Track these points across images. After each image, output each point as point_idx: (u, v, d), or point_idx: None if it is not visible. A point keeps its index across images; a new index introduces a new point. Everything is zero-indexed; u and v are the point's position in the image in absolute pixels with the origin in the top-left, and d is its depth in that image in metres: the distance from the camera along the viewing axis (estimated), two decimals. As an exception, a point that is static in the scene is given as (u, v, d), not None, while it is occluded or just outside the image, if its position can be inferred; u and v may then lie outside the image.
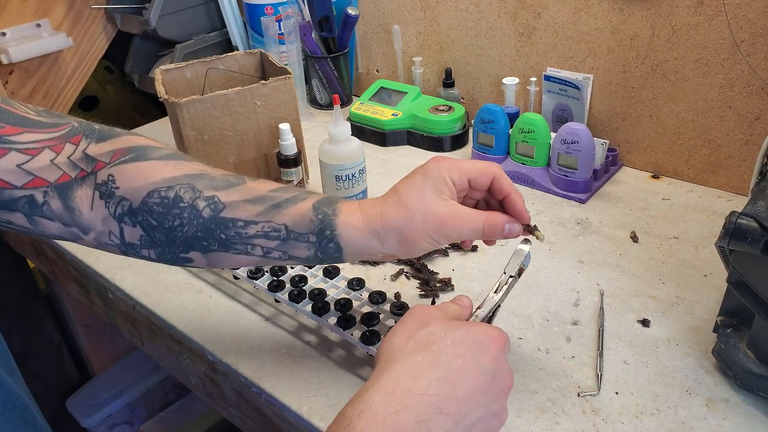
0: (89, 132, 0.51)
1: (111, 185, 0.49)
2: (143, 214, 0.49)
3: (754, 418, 0.52)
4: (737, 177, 0.83)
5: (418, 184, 0.51)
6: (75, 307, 1.26)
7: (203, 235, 0.50)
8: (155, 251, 0.51)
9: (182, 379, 0.75)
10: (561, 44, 0.92)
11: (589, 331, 0.63)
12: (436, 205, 0.50)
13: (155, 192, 0.49)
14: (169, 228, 0.49)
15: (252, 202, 0.50)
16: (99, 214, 0.49)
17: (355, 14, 1.09)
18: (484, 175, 0.52)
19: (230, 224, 0.50)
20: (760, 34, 0.74)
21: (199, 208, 0.49)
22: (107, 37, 1.25)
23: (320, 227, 0.50)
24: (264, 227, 0.50)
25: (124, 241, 0.51)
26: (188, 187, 0.49)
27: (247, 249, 0.51)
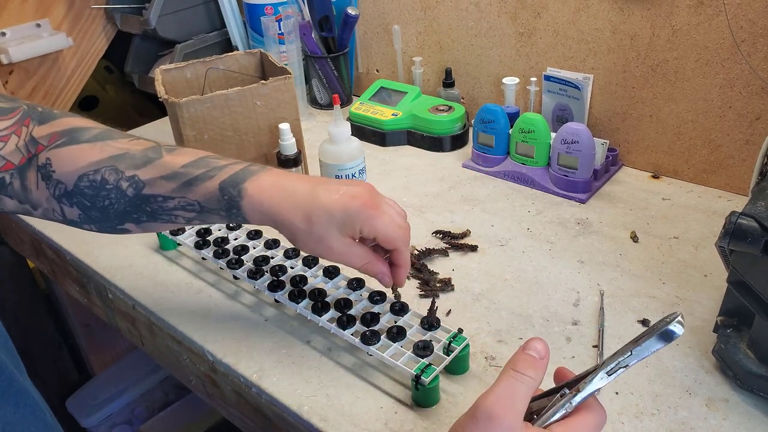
0: (35, 114, 0.55)
1: (48, 168, 0.53)
2: (77, 197, 0.54)
3: (754, 418, 0.52)
4: (737, 177, 0.83)
5: (330, 213, 0.54)
6: (75, 307, 1.26)
7: (132, 209, 0.55)
8: (95, 225, 0.57)
9: (182, 379, 0.75)
10: (561, 44, 0.92)
11: (589, 331, 0.63)
12: (333, 239, 0.55)
13: (84, 176, 0.53)
14: (102, 207, 0.55)
15: (167, 179, 0.54)
16: (43, 193, 0.54)
17: (355, 14, 1.09)
18: (386, 243, 0.56)
19: (152, 199, 0.55)
20: (760, 34, 0.74)
21: (123, 188, 0.54)
22: (107, 37, 1.25)
23: (227, 206, 0.55)
24: (180, 202, 0.55)
25: (66, 218, 0.56)
26: (112, 169, 0.54)
27: (171, 219, 0.56)
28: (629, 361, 0.39)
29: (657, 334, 0.38)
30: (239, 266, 0.70)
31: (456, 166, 0.97)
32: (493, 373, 0.58)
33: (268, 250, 0.73)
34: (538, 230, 0.79)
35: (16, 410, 0.50)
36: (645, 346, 0.38)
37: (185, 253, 0.79)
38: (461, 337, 0.57)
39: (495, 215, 0.83)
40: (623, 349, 0.39)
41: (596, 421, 0.39)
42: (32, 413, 0.52)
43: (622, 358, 0.39)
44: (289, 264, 0.70)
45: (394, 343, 0.58)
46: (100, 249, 0.81)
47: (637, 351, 0.38)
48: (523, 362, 0.40)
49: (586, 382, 0.39)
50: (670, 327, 0.37)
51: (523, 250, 0.76)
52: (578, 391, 0.39)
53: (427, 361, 0.55)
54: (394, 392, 0.57)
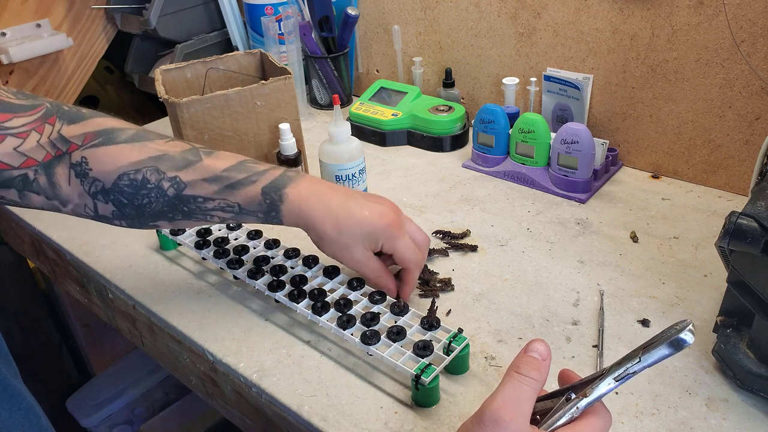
0: (61, 113, 0.56)
1: (84, 166, 0.55)
2: (115, 194, 0.56)
3: (754, 418, 0.52)
4: (737, 177, 0.83)
5: (359, 226, 0.60)
6: (75, 307, 1.26)
7: (168, 209, 0.57)
8: (126, 222, 0.59)
9: (182, 379, 0.75)
10: (561, 44, 0.92)
11: (589, 331, 0.63)
12: (357, 250, 0.61)
13: (125, 175, 0.56)
14: (139, 205, 0.57)
15: (209, 181, 0.57)
16: (75, 190, 0.56)
17: (355, 14, 1.10)
18: (401, 263, 0.63)
19: (191, 200, 0.57)
20: (760, 34, 0.74)
21: (164, 188, 0.56)
22: (107, 37, 1.26)
23: (267, 210, 0.59)
24: (220, 203, 0.58)
25: (98, 214, 0.58)
26: (153, 170, 0.56)
27: (206, 218, 0.59)
28: (638, 367, 0.39)
29: (667, 342, 0.37)
30: (239, 266, 0.70)
31: (456, 166, 0.97)
32: (493, 373, 0.58)
33: (268, 250, 0.73)
34: (538, 230, 0.79)
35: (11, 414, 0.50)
36: (654, 353, 0.38)
37: (185, 253, 0.79)
38: (461, 337, 0.57)
39: (495, 215, 0.83)
40: (632, 355, 0.39)
41: (602, 425, 0.40)
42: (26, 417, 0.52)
43: (631, 364, 0.39)
44: (289, 264, 0.70)
45: (394, 343, 0.58)
46: (101, 249, 0.81)
47: (646, 357, 0.38)
48: (527, 364, 0.40)
49: (593, 387, 0.39)
50: (681, 335, 0.37)
51: (523, 250, 0.76)
52: (585, 396, 0.39)
53: (427, 361, 0.55)
54: (394, 392, 0.57)
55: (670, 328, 0.38)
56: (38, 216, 0.89)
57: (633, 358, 0.39)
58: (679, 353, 0.58)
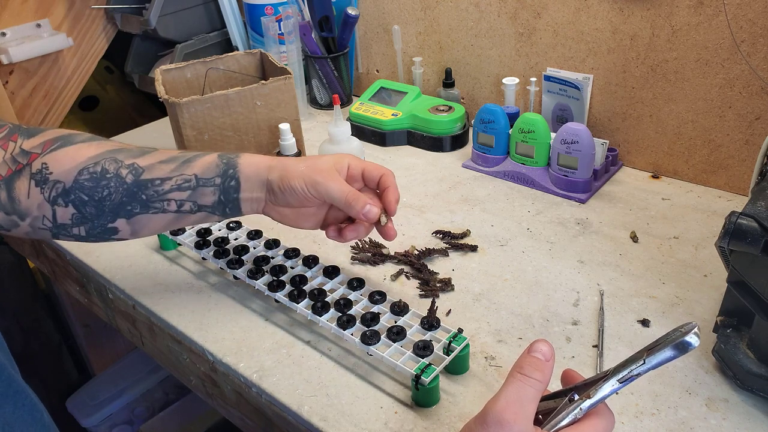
0: (21, 130, 0.58)
1: (45, 172, 0.56)
2: (75, 192, 0.56)
3: (754, 418, 0.52)
4: (737, 177, 0.83)
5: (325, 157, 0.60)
6: (75, 307, 1.26)
7: (128, 199, 0.57)
8: (85, 227, 0.58)
9: (182, 379, 0.75)
10: (561, 44, 0.92)
11: (589, 331, 0.63)
12: (325, 167, 0.59)
13: (84, 170, 0.56)
14: (99, 199, 0.56)
15: (166, 162, 0.58)
16: (35, 201, 0.56)
17: (355, 14, 1.10)
18: (374, 172, 0.61)
19: (149, 184, 0.57)
20: (760, 34, 0.74)
21: (122, 175, 0.57)
22: (107, 37, 1.26)
23: (224, 168, 0.59)
24: (177, 180, 0.58)
25: (56, 223, 0.57)
26: (111, 159, 0.57)
27: (163, 206, 0.58)
28: (642, 369, 0.38)
29: (672, 345, 0.37)
30: (239, 266, 0.70)
31: (456, 166, 0.97)
32: (493, 373, 0.58)
33: (268, 250, 0.73)
34: (538, 230, 0.79)
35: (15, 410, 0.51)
36: (658, 355, 0.38)
37: (185, 253, 0.79)
38: (461, 337, 0.57)
39: (495, 215, 0.83)
40: (636, 357, 0.39)
41: (606, 426, 0.40)
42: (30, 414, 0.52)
43: (635, 366, 0.39)
44: (289, 264, 0.70)
45: (394, 343, 0.58)
46: (101, 249, 0.81)
47: (650, 360, 0.38)
48: (530, 365, 0.40)
49: (597, 389, 0.39)
50: (686, 338, 0.37)
51: (523, 250, 0.76)
52: (589, 397, 0.39)
53: (427, 361, 0.55)
54: (394, 392, 0.57)
55: (675, 330, 0.38)
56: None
57: (637, 360, 0.39)
58: (679, 353, 0.59)
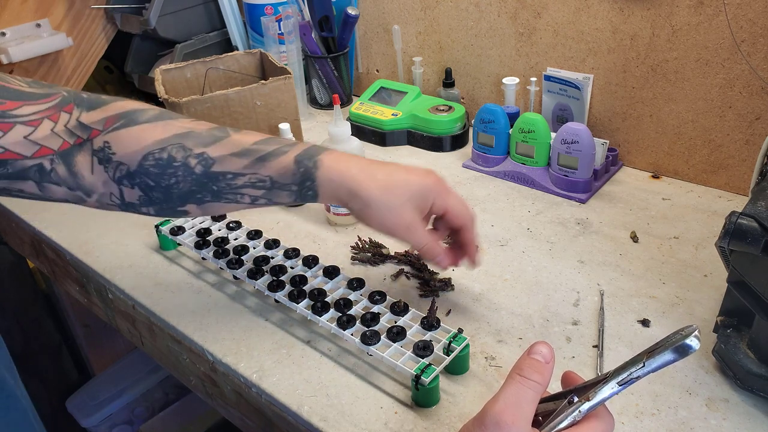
0: (79, 101, 0.54)
1: (107, 151, 0.53)
2: (141, 176, 0.53)
3: (754, 418, 0.52)
4: (737, 177, 0.83)
5: (407, 184, 0.56)
6: (75, 307, 1.26)
7: (197, 189, 0.54)
8: (153, 208, 0.55)
9: (182, 379, 0.75)
10: (561, 44, 0.92)
11: (589, 331, 0.63)
12: (406, 211, 0.56)
13: (150, 155, 0.53)
14: (166, 186, 0.54)
15: (239, 156, 0.54)
16: (99, 178, 0.53)
17: (355, 14, 1.09)
18: (455, 219, 0.59)
19: (221, 177, 0.54)
20: (760, 34, 0.74)
21: (191, 165, 0.53)
22: (107, 37, 1.25)
23: (302, 179, 0.55)
24: (251, 178, 0.54)
25: (124, 201, 0.55)
26: (179, 147, 0.53)
27: (236, 198, 0.55)
28: (641, 372, 0.38)
29: (672, 348, 0.37)
30: (239, 266, 0.70)
31: (456, 166, 0.97)
32: (493, 374, 0.58)
33: (268, 250, 0.73)
34: (538, 230, 0.79)
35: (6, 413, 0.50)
36: (658, 358, 0.37)
37: (185, 253, 0.79)
38: (461, 337, 0.57)
39: (495, 215, 0.83)
40: (636, 359, 0.39)
41: (605, 429, 0.39)
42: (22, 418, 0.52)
43: (635, 369, 0.38)
44: (289, 264, 0.70)
45: (394, 343, 0.58)
46: (100, 249, 0.81)
47: (650, 362, 0.38)
48: (530, 367, 0.40)
49: (596, 391, 0.39)
50: (687, 341, 0.37)
51: (523, 250, 0.76)
52: (588, 400, 0.39)
53: (427, 361, 0.55)
54: (394, 392, 0.57)
55: (676, 333, 0.38)
56: (38, 216, 0.89)
57: (637, 362, 0.38)
58: (679, 353, 0.59)
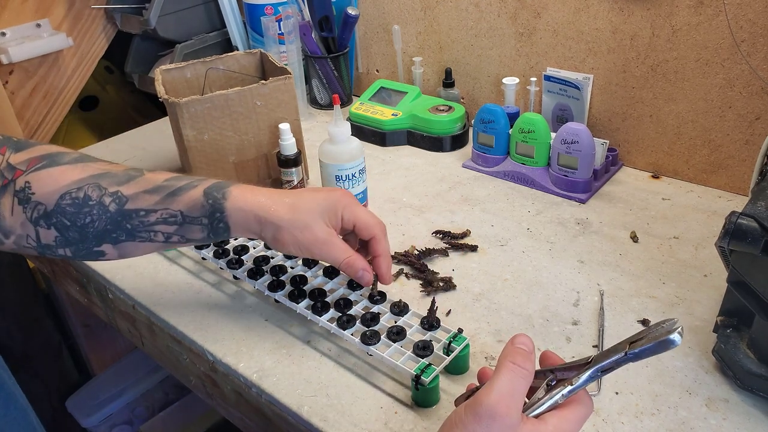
0: (10, 143, 0.56)
1: (27, 191, 0.54)
2: (57, 216, 0.54)
3: (754, 418, 0.52)
4: (737, 177, 0.83)
5: (316, 202, 0.58)
6: (75, 307, 1.26)
7: (112, 227, 0.55)
8: (70, 249, 0.56)
9: (182, 379, 0.75)
10: (561, 44, 0.92)
11: (589, 331, 0.63)
12: (318, 228, 0.57)
13: (66, 194, 0.54)
14: (82, 225, 0.54)
15: (150, 192, 0.56)
16: (18, 219, 0.54)
17: (355, 14, 1.10)
18: (365, 230, 0.59)
19: (134, 214, 0.55)
20: (760, 34, 0.74)
21: (105, 203, 0.55)
22: (107, 37, 1.25)
23: (211, 210, 0.56)
24: (162, 214, 0.55)
25: (41, 243, 0.55)
26: (95, 186, 0.55)
27: (150, 236, 0.56)
28: (623, 361, 0.39)
29: (656, 342, 0.38)
30: (239, 266, 0.70)
31: (456, 166, 0.97)
32: (493, 373, 0.58)
33: (268, 250, 0.73)
34: (538, 230, 0.79)
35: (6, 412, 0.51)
36: (642, 351, 0.38)
37: (185, 253, 0.79)
38: (461, 337, 0.57)
39: (495, 215, 0.83)
40: (619, 347, 0.40)
41: (586, 412, 0.41)
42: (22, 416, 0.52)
43: (617, 357, 0.39)
44: (289, 264, 0.70)
45: (394, 343, 0.58)
46: (100, 249, 0.81)
47: (632, 353, 0.39)
48: (521, 356, 0.40)
49: (579, 377, 0.40)
50: (670, 336, 0.37)
51: (523, 250, 0.76)
52: (571, 385, 0.40)
53: (427, 361, 0.55)
54: (394, 392, 0.57)
55: (658, 325, 0.39)
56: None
57: (619, 351, 0.39)
58: (679, 353, 0.59)
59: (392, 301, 0.63)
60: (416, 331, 0.60)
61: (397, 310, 0.62)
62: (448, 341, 0.57)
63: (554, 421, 0.39)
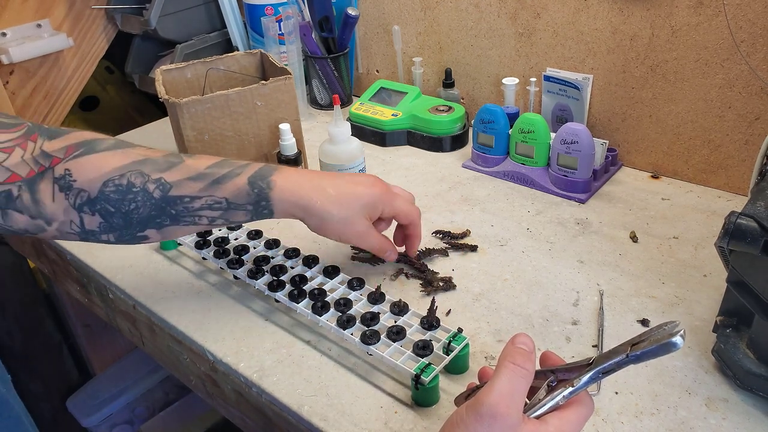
0: (42, 131, 0.56)
1: (68, 178, 0.54)
2: (101, 203, 0.55)
3: (753, 418, 0.52)
4: (737, 177, 0.83)
5: (357, 197, 0.61)
6: (75, 307, 1.26)
7: (156, 213, 0.56)
8: (114, 235, 0.57)
9: (182, 379, 0.75)
10: (561, 44, 0.92)
11: (589, 331, 0.63)
12: (359, 221, 0.62)
13: (110, 181, 0.54)
14: (126, 212, 0.55)
15: (194, 179, 0.57)
16: (60, 206, 0.54)
17: (355, 14, 1.10)
18: (405, 219, 0.67)
19: (178, 201, 0.56)
20: (760, 35, 0.74)
21: (149, 190, 0.55)
22: (107, 37, 1.26)
23: (256, 199, 0.58)
24: (207, 200, 0.57)
25: (84, 229, 0.56)
26: (137, 173, 0.55)
27: (194, 220, 0.58)
28: (624, 363, 0.39)
29: (658, 345, 0.38)
30: (239, 266, 0.70)
31: (456, 166, 0.97)
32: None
33: (268, 250, 0.73)
34: (537, 230, 0.80)
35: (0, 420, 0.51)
36: (643, 353, 0.38)
37: (186, 253, 0.79)
38: (461, 336, 0.58)
39: (495, 215, 0.83)
40: (620, 349, 0.40)
41: (586, 414, 0.41)
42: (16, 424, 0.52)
43: (618, 359, 0.39)
44: (289, 264, 0.70)
45: (394, 342, 0.58)
46: (101, 249, 0.81)
47: (635, 357, 0.39)
48: (521, 356, 0.41)
49: (580, 378, 0.40)
50: (672, 339, 0.37)
51: (523, 250, 0.76)
52: (572, 386, 0.40)
53: (427, 360, 0.55)
54: (394, 392, 0.57)
55: (659, 327, 0.39)
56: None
57: (620, 353, 0.39)
58: (679, 353, 0.59)
59: (392, 300, 0.63)
60: (416, 331, 0.60)
61: (397, 310, 0.62)
62: (448, 341, 0.57)
63: (555, 422, 0.40)
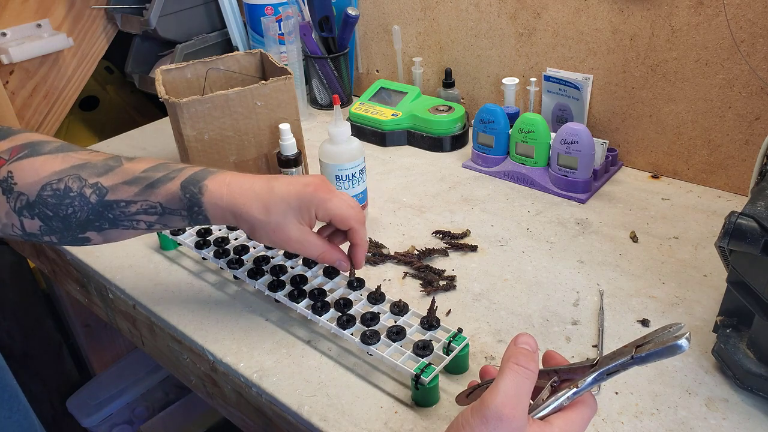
0: None
1: (10, 181, 0.54)
2: (39, 207, 0.55)
3: (753, 418, 0.52)
4: (737, 177, 0.83)
5: (286, 201, 0.57)
6: (75, 307, 1.26)
7: (94, 217, 0.56)
8: (55, 236, 0.57)
9: (182, 379, 0.75)
10: (561, 44, 0.92)
11: (589, 331, 0.63)
12: (291, 227, 0.57)
13: (47, 185, 0.54)
14: (64, 216, 0.55)
15: (129, 184, 0.56)
16: (3, 208, 0.55)
17: (355, 14, 1.10)
18: (341, 223, 0.59)
19: (114, 205, 0.56)
20: (760, 34, 0.74)
21: (86, 195, 0.55)
22: (107, 37, 1.26)
23: (189, 204, 0.57)
24: (143, 205, 0.56)
25: (26, 232, 0.56)
26: (75, 177, 0.55)
27: (132, 224, 0.57)
28: (629, 365, 0.39)
29: (663, 347, 0.38)
30: (239, 266, 0.70)
31: (456, 166, 0.97)
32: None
33: (268, 250, 0.73)
34: (537, 230, 0.80)
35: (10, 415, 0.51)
36: (648, 355, 0.38)
37: (186, 253, 0.79)
38: (461, 336, 0.58)
39: (495, 215, 0.83)
40: (625, 351, 0.39)
41: (590, 414, 0.41)
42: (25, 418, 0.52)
43: (623, 360, 0.39)
44: (289, 264, 0.70)
45: (394, 342, 0.58)
46: (101, 249, 0.81)
47: (640, 359, 0.38)
48: (525, 356, 0.40)
49: (585, 379, 0.40)
50: (678, 342, 0.37)
51: (523, 250, 0.76)
52: (576, 387, 0.40)
53: (427, 360, 0.55)
54: (394, 392, 0.57)
55: (665, 329, 0.39)
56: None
57: (625, 354, 0.39)
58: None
59: (392, 301, 0.63)
60: (416, 331, 0.60)
61: (397, 310, 0.62)
62: (448, 341, 0.57)
63: (560, 423, 0.40)
